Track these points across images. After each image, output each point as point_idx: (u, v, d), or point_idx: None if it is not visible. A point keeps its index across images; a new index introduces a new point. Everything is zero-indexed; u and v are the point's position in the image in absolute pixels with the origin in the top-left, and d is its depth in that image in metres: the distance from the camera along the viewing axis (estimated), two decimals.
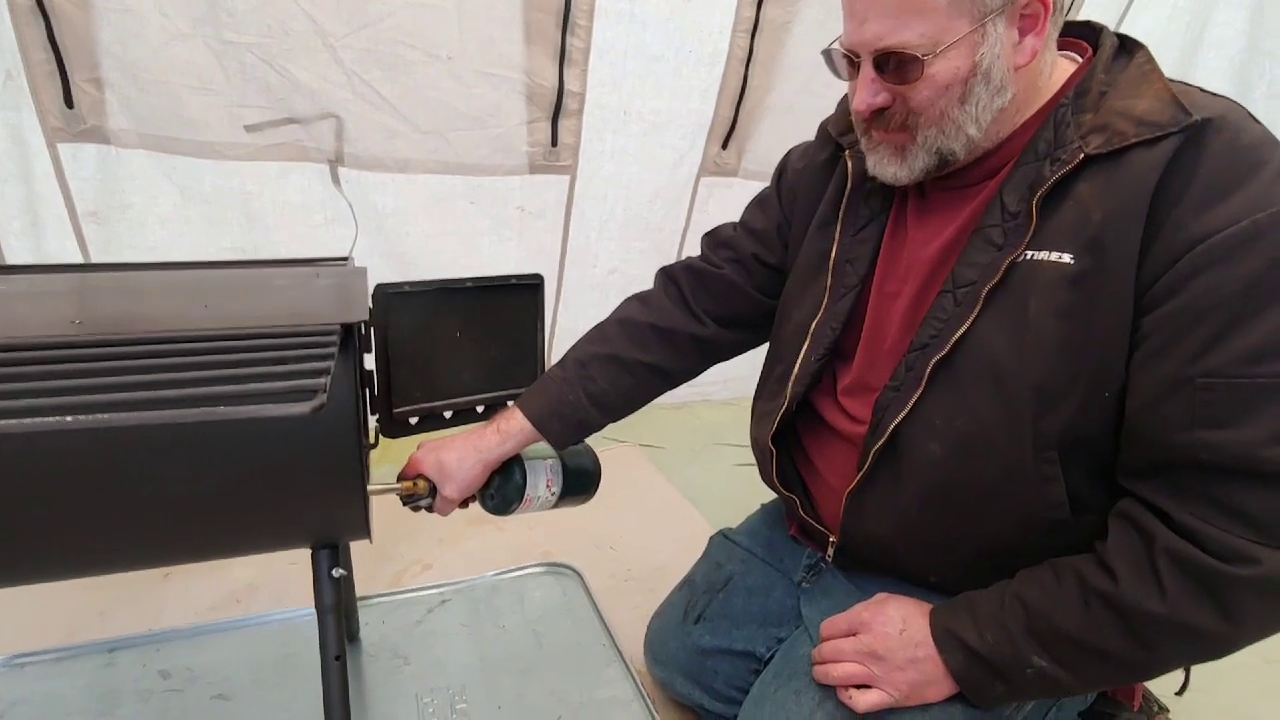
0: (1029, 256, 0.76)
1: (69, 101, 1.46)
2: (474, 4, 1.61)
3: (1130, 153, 0.71)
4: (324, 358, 0.66)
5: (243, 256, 1.70)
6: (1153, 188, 0.69)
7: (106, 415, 0.46)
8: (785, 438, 1.01)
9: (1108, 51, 0.78)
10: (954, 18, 0.72)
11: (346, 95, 1.62)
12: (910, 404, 0.82)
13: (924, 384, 0.81)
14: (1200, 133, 0.69)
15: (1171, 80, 0.73)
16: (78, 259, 1.61)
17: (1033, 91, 0.79)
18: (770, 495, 1.11)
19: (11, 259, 1.57)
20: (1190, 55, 2.29)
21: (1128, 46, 0.79)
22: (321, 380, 0.60)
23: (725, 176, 2.05)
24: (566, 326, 2.11)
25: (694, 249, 1.19)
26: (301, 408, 0.52)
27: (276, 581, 1.45)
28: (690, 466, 2.09)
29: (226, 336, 0.67)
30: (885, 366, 0.89)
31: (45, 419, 0.45)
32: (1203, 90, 0.74)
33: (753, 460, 1.08)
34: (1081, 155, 0.73)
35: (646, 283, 1.17)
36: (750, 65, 1.89)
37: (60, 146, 1.50)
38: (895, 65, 0.75)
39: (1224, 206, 0.67)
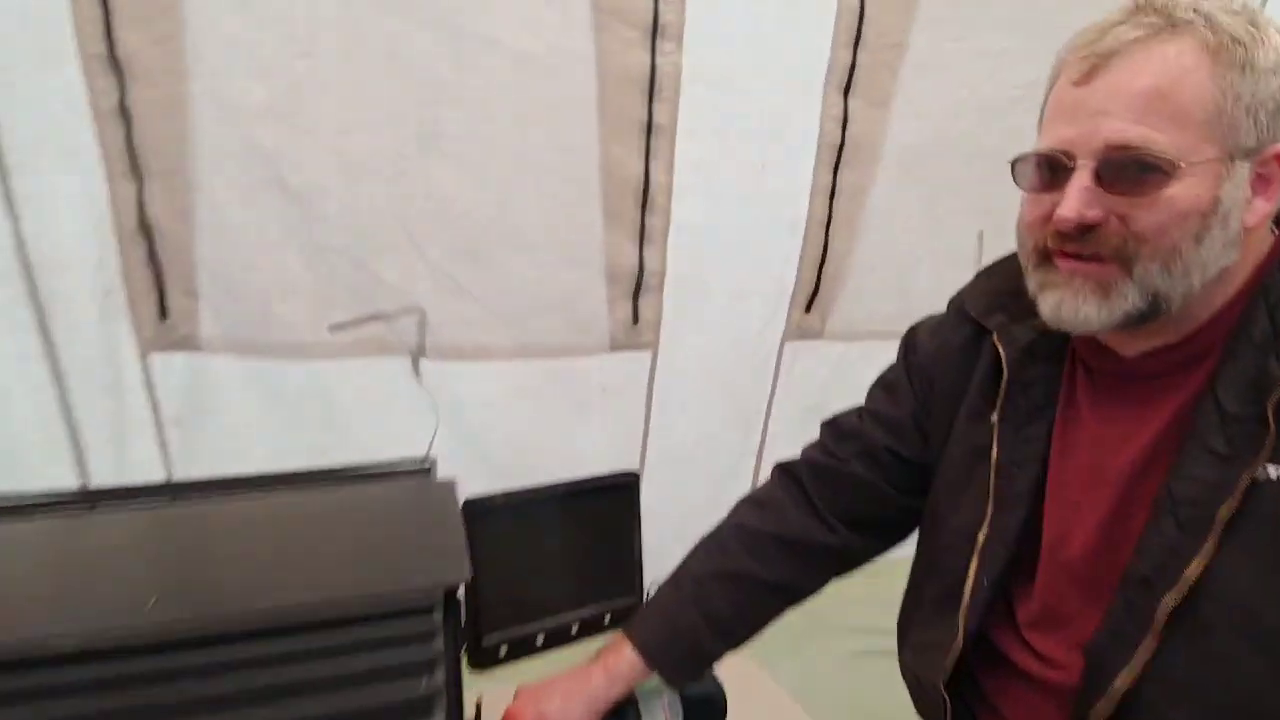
0: (1272, 474, 0.61)
1: (163, 314, 1.49)
2: (554, 193, 1.64)
3: None
4: (428, 637, 0.56)
5: (321, 455, 1.66)
6: None
7: None
8: (958, 677, 0.83)
9: None
10: (1204, 140, 0.61)
11: (429, 289, 1.63)
12: (1138, 656, 0.65)
13: (1157, 632, 0.64)
14: None
15: None
16: (158, 465, 1.59)
17: (1243, 264, 0.67)
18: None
19: (96, 465, 1.56)
20: None
21: None
22: (437, 681, 0.50)
23: (810, 340, 1.98)
24: (648, 507, 1.98)
25: (783, 416, 1.08)
26: None
27: None
28: (795, 657, 1.85)
29: (318, 624, 0.57)
30: (1077, 597, 0.73)
31: None
32: None
33: (872, 647, 0.90)
34: None
35: (732, 454, 1.05)
36: (830, 228, 1.85)
37: (151, 356, 1.52)
38: (1133, 172, 0.62)
39: None
